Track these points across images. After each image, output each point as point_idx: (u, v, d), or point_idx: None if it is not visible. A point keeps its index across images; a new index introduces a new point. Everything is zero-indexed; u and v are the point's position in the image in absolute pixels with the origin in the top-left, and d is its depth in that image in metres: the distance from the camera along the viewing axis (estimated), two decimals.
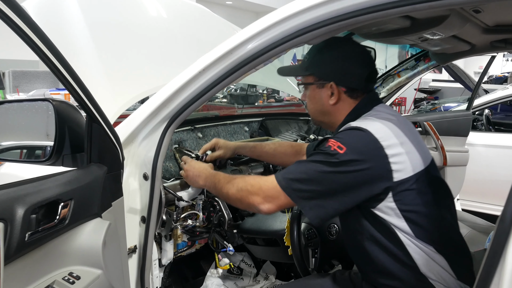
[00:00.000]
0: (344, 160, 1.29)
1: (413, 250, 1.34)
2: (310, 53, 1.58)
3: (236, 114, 2.88)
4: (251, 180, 1.47)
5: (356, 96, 1.52)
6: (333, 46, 1.52)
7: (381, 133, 1.33)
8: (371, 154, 1.31)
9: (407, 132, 1.40)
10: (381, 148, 1.31)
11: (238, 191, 1.47)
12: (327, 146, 1.33)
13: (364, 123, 1.37)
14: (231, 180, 1.53)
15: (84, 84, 1.13)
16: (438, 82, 11.49)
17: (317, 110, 1.60)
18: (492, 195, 4.19)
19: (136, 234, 1.56)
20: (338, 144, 1.31)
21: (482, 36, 1.81)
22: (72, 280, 1.10)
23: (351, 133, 1.36)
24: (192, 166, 1.74)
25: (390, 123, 1.39)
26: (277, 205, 1.39)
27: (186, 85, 1.44)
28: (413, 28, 1.57)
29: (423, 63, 2.51)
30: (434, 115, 3.72)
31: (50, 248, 1.08)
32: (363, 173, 1.29)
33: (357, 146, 1.31)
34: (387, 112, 1.49)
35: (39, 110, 1.31)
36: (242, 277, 2.42)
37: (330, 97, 1.52)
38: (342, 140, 1.33)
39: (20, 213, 0.94)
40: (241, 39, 1.34)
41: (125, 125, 1.58)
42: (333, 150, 1.31)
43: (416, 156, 1.37)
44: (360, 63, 1.52)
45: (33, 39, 0.95)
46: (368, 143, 1.31)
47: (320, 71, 1.54)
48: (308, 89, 1.60)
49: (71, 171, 1.18)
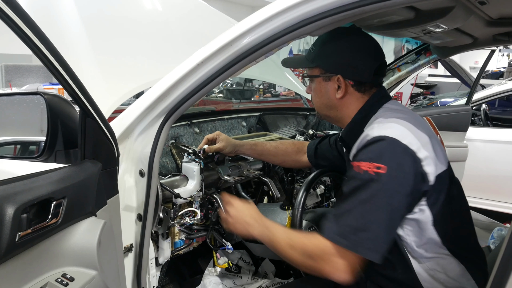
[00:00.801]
0: (389, 178, 1.20)
1: (416, 264, 1.32)
2: (316, 44, 1.52)
3: (234, 109, 2.84)
4: (310, 245, 1.29)
5: (364, 90, 1.47)
6: (341, 37, 1.47)
7: (407, 138, 1.25)
8: (408, 163, 1.22)
9: (425, 130, 1.35)
10: (414, 153, 1.23)
11: (304, 260, 1.31)
12: (363, 172, 1.22)
13: (385, 130, 1.27)
14: (290, 242, 1.35)
15: (78, 77, 1.08)
16: (434, 77, 11.48)
17: (323, 103, 1.54)
18: (491, 190, 4.19)
19: (132, 232, 1.52)
20: (375, 165, 1.21)
21: (485, 29, 1.78)
22: (66, 282, 1.06)
23: (379, 147, 1.25)
24: (241, 211, 1.51)
25: (407, 123, 1.31)
26: (353, 269, 1.24)
27: (184, 78, 1.40)
28: (417, 20, 1.52)
29: (424, 57, 2.47)
30: (434, 110, 3.70)
31: (42, 249, 1.04)
32: (407, 183, 1.22)
33: (393, 159, 1.22)
34: (399, 109, 1.43)
35: (30, 104, 1.26)
36: (240, 275, 2.38)
37: (337, 90, 1.47)
38: (375, 159, 1.22)
39: (10, 212, 0.90)
40: (241, 30, 1.29)
41: (120, 119, 1.53)
42: (374, 174, 1.20)
43: (439, 155, 1.31)
44: (369, 55, 1.46)
45: (25, 31, 0.91)
46: (401, 153, 1.23)
47: (326, 63, 1.48)
48: (314, 82, 1.54)
49: (64, 167, 1.14)
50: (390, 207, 1.21)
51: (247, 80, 6.34)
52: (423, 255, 1.31)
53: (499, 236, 1.92)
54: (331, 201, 2.36)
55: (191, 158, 1.83)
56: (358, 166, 1.24)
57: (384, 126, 1.30)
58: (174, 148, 2.07)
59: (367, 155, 1.25)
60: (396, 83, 2.78)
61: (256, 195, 2.20)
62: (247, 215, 1.49)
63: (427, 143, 1.29)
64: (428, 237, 1.29)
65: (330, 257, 1.23)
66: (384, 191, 1.20)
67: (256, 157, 2.03)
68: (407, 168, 1.22)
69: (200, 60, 1.35)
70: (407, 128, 1.28)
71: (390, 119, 1.33)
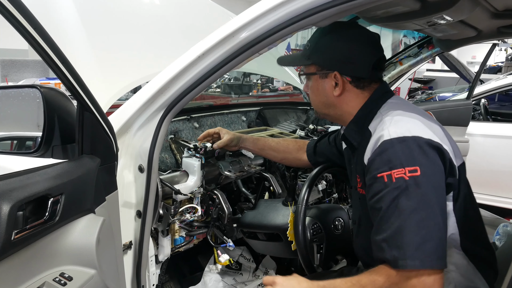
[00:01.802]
0: (426, 177, 1.12)
1: None
2: (311, 41, 1.47)
3: (233, 103, 2.81)
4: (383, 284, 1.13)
5: (363, 86, 1.41)
6: (336, 31, 1.42)
7: (427, 133, 1.19)
8: (437, 157, 1.17)
9: (437, 124, 1.31)
10: (440, 145, 1.18)
11: None
12: (395, 181, 1.13)
13: (401, 128, 1.20)
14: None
15: (75, 69, 1.05)
16: (432, 72, 11.46)
17: (320, 102, 1.49)
18: (491, 186, 4.17)
19: (132, 229, 1.49)
20: (408, 169, 1.12)
21: (490, 21, 1.75)
22: (64, 281, 1.03)
23: (405, 148, 1.16)
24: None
25: (420, 117, 1.26)
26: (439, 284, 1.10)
27: (184, 71, 1.35)
28: (422, 12, 1.49)
29: (426, 50, 2.43)
30: (434, 104, 3.67)
31: (39, 247, 1.01)
32: (442, 177, 1.17)
33: (423, 157, 1.15)
34: (405, 104, 1.38)
35: (26, 98, 1.22)
36: (241, 272, 2.35)
37: (334, 88, 1.41)
38: (406, 162, 1.14)
39: (5, 210, 0.87)
40: (245, 20, 1.24)
41: (118, 114, 1.50)
42: (409, 178, 1.12)
43: (454, 147, 1.28)
44: (366, 49, 1.39)
45: (23, 23, 0.88)
46: (428, 148, 1.16)
47: (322, 59, 1.42)
48: (311, 80, 1.49)
49: (61, 163, 1.11)
50: (439, 206, 1.14)
51: (245, 75, 6.29)
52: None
53: (505, 232, 1.89)
54: (333, 197, 2.33)
55: (192, 154, 1.79)
56: (390, 175, 1.14)
57: (399, 124, 1.22)
58: (173, 143, 2.04)
59: (394, 162, 1.15)
60: (398, 77, 2.75)
61: (257, 191, 2.16)
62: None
63: (444, 136, 1.26)
64: (449, 233, 1.23)
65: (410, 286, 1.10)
66: (427, 193, 1.12)
67: (258, 152, 2.00)
68: (438, 162, 1.17)
69: (202, 52, 1.31)
70: (423, 123, 1.24)
71: (400, 116, 1.26)
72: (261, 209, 1.85)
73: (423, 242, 1.08)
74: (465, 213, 1.26)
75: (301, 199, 1.58)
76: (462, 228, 1.26)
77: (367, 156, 1.27)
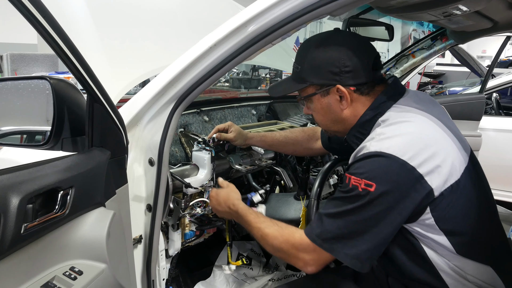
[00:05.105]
0: (377, 195, 1.14)
1: (441, 268, 1.24)
2: (299, 62, 1.39)
3: (243, 97, 2.78)
4: (281, 239, 1.34)
5: (367, 92, 1.35)
6: (322, 43, 1.35)
7: (409, 152, 1.14)
8: (404, 181, 1.14)
9: (441, 125, 1.25)
10: (413, 170, 1.14)
11: (275, 251, 1.38)
12: (351, 187, 1.17)
13: (384, 143, 1.18)
14: (260, 231, 1.41)
15: (85, 59, 1.02)
16: (442, 66, 11.37)
17: (329, 120, 1.43)
18: (504, 181, 4.11)
19: (142, 223, 1.47)
20: (365, 182, 1.15)
21: (507, 12, 1.72)
22: (74, 276, 1.01)
23: (374, 163, 1.17)
24: (216, 194, 1.64)
25: (416, 127, 1.22)
26: (322, 266, 1.29)
27: (195, 62, 1.32)
28: (438, 1, 1.45)
29: (440, 42, 2.39)
30: (447, 98, 3.63)
31: (49, 240, 0.99)
32: (403, 201, 1.15)
33: (387, 177, 1.14)
34: (410, 104, 1.31)
35: (35, 89, 1.20)
36: (251, 267, 2.33)
37: (340, 102, 1.35)
38: (367, 175, 1.15)
39: (15, 202, 0.85)
40: (257, 10, 1.20)
41: (128, 106, 1.47)
42: (362, 190, 1.15)
43: (455, 156, 1.21)
44: (360, 51, 1.32)
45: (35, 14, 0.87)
46: (398, 170, 1.14)
47: (319, 77, 1.35)
48: (312, 102, 1.42)
49: (71, 156, 1.09)
50: (375, 222, 1.17)
51: (254, 69, 6.26)
52: (445, 257, 1.24)
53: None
54: None
55: (202, 147, 1.77)
56: (350, 178, 1.19)
57: (383, 141, 1.20)
58: (183, 137, 2.02)
59: (360, 170, 1.18)
60: (410, 70, 2.71)
61: (269, 185, 2.14)
62: (221, 196, 1.60)
63: (439, 149, 1.18)
64: (439, 243, 1.22)
65: (305, 255, 1.28)
66: (370, 208, 1.15)
67: (267, 148, 1.98)
68: (402, 186, 1.14)
69: (213, 42, 1.28)
70: (413, 137, 1.19)
71: (392, 130, 1.22)
72: (272, 203, 1.83)
73: (340, 237, 1.20)
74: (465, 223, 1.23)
75: (314, 193, 1.55)
76: (458, 240, 1.22)
77: (350, 161, 1.28)
